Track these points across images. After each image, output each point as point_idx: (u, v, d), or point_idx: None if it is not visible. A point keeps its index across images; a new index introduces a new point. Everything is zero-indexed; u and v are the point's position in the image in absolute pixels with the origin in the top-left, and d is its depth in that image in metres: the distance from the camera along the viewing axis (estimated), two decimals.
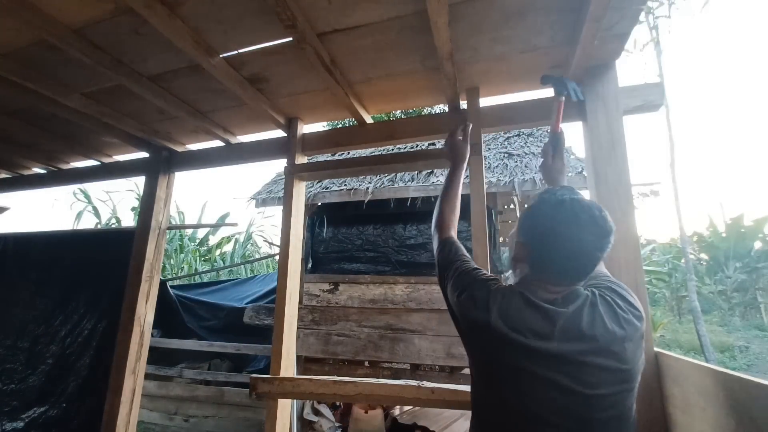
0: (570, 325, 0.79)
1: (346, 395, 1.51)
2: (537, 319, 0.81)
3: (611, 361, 0.78)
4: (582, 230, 0.81)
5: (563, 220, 0.82)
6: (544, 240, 0.85)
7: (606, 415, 0.78)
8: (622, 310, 0.83)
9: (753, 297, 12.49)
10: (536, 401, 0.79)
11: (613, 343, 0.78)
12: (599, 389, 0.77)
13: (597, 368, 0.78)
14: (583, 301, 0.83)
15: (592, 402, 0.77)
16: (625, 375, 0.79)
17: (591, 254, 0.82)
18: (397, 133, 1.83)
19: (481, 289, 0.90)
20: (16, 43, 1.41)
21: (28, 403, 2.23)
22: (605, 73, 1.46)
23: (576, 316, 0.80)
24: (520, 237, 0.92)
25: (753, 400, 0.82)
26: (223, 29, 1.34)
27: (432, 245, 1.19)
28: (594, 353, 0.78)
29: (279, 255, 1.86)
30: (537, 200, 0.91)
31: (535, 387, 0.79)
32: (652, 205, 41.56)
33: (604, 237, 0.82)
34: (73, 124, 2.06)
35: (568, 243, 0.81)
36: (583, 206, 0.83)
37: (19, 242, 2.64)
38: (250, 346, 4.39)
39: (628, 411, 0.81)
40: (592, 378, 0.77)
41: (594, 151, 1.43)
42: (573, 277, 0.85)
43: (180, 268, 10.10)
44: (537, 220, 0.88)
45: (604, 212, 0.84)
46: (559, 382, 0.77)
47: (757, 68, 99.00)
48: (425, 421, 3.44)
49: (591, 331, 0.78)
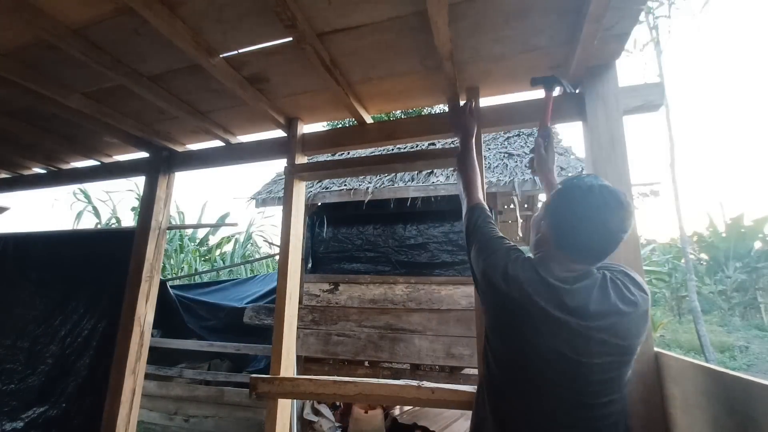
0: (576, 302, 0.87)
1: (346, 395, 1.51)
2: (546, 292, 0.89)
3: (611, 337, 0.86)
4: (611, 214, 0.88)
5: (594, 205, 0.89)
6: (575, 223, 0.91)
7: (598, 379, 0.87)
8: (630, 292, 0.90)
9: (753, 297, 12.50)
10: (541, 361, 0.89)
11: (616, 321, 0.86)
12: (595, 359, 0.86)
13: (596, 342, 0.86)
14: (593, 281, 0.90)
15: (586, 369, 0.86)
16: (622, 349, 0.88)
17: (616, 236, 0.89)
18: (397, 133, 1.83)
19: (504, 257, 0.98)
20: (16, 43, 1.41)
21: (27, 403, 2.23)
22: (605, 73, 1.46)
23: (585, 293, 0.88)
24: (550, 219, 0.97)
25: (753, 400, 0.82)
26: (223, 29, 1.34)
27: (462, 213, 1.25)
28: (597, 329, 0.86)
29: (279, 255, 1.86)
30: (567, 185, 0.97)
31: (540, 348, 0.89)
32: (652, 205, 41.56)
33: (628, 219, 0.89)
34: (73, 124, 2.06)
35: (599, 226, 0.88)
36: (612, 192, 0.90)
37: (19, 242, 2.64)
38: (250, 346, 4.39)
39: (620, 378, 0.90)
40: (591, 349, 0.86)
41: (594, 151, 1.43)
42: (595, 256, 0.92)
43: (180, 268, 10.10)
44: (569, 204, 0.94)
45: (630, 198, 0.94)
46: (559, 349, 0.87)
47: (757, 68, 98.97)
48: (425, 421, 3.44)
49: (596, 308, 0.86)
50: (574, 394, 0.88)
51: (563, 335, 0.87)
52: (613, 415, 0.89)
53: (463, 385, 1.41)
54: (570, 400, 0.88)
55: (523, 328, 0.91)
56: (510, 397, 0.96)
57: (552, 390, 0.89)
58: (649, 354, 1.22)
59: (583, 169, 3.48)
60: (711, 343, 7.85)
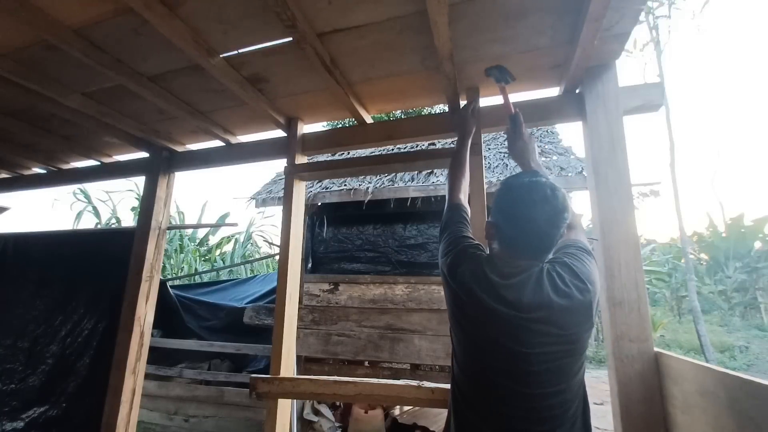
0: (512, 295, 0.90)
1: (346, 395, 1.51)
2: (490, 287, 0.93)
3: (549, 327, 0.88)
4: (535, 209, 0.91)
5: (520, 200, 0.93)
6: (508, 220, 0.96)
7: (540, 369, 0.89)
8: (564, 284, 0.91)
9: (753, 297, 12.48)
10: (484, 351, 0.95)
11: (550, 312, 0.88)
12: (536, 348, 0.88)
13: (536, 333, 0.88)
14: (528, 275, 0.92)
15: (528, 358, 0.88)
16: (564, 338, 0.89)
17: (546, 231, 0.92)
18: (397, 133, 1.83)
19: (460, 254, 1.03)
20: (16, 43, 1.41)
21: (28, 403, 2.23)
22: (605, 73, 1.46)
23: (519, 287, 0.91)
24: (490, 217, 1.03)
25: (753, 400, 0.82)
26: (223, 29, 1.34)
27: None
28: (535, 320, 0.88)
29: (279, 255, 1.86)
30: (503, 184, 1.02)
31: (482, 338, 0.94)
32: (652, 205, 41.53)
33: (557, 214, 0.91)
34: (73, 124, 2.06)
35: (525, 222, 0.92)
36: (536, 187, 0.93)
37: (19, 242, 2.64)
38: (250, 346, 4.38)
39: (566, 366, 0.90)
40: (531, 339, 0.88)
41: (594, 151, 1.43)
42: (535, 252, 0.95)
43: (180, 268, 10.09)
44: (501, 202, 0.99)
45: (558, 191, 0.93)
46: (499, 339, 0.91)
47: (758, 68, 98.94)
48: (425, 421, 3.44)
49: (529, 300, 0.89)
50: (518, 384, 0.89)
51: (501, 326, 0.90)
52: (562, 405, 0.89)
53: None
54: (514, 388, 0.90)
55: (467, 319, 0.97)
56: (464, 390, 0.99)
57: (496, 379, 0.92)
58: (649, 354, 1.22)
59: (583, 169, 3.48)
60: (711, 343, 7.84)
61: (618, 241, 1.32)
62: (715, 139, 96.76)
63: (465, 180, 1.33)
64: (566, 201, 0.93)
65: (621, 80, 1.46)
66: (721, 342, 9.68)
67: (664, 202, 34.21)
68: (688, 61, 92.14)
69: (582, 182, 3.33)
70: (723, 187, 63.46)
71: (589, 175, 1.50)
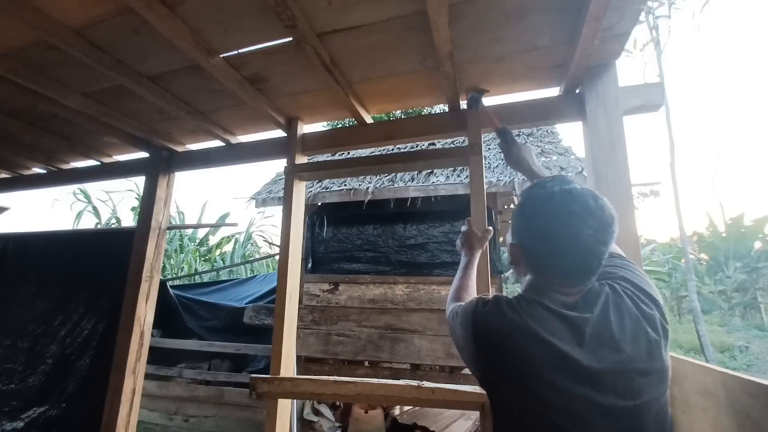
0: (599, 331, 0.70)
1: (346, 395, 1.51)
2: (561, 327, 0.71)
3: (647, 363, 0.70)
4: (579, 224, 0.72)
5: (556, 215, 0.74)
6: (540, 240, 0.77)
7: (654, 419, 0.69)
8: (646, 305, 0.75)
9: (753, 297, 12.48)
10: (571, 419, 0.68)
11: (645, 343, 0.71)
12: (643, 397, 0.68)
13: (636, 374, 0.69)
14: (605, 300, 0.74)
15: (639, 412, 0.68)
16: (660, 375, 0.72)
17: (594, 250, 0.73)
18: (397, 133, 1.83)
19: (488, 304, 0.80)
20: (16, 43, 1.41)
21: (28, 403, 2.23)
22: (605, 73, 1.46)
23: (603, 319, 0.72)
24: (514, 238, 0.84)
25: (753, 400, 0.82)
26: (223, 29, 1.34)
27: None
28: (630, 360, 0.69)
29: (279, 255, 1.86)
30: (526, 195, 0.83)
31: (570, 404, 0.68)
32: (652, 205, 41.53)
33: (606, 228, 0.73)
34: (73, 124, 2.06)
35: (566, 240, 0.73)
36: (576, 197, 0.74)
37: (19, 242, 2.64)
38: (250, 346, 4.39)
39: (667, 411, 0.73)
40: (633, 386, 0.68)
41: (594, 151, 1.43)
42: (580, 276, 0.75)
43: (180, 268, 10.10)
44: (529, 218, 0.80)
45: (601, 200, 0.75)
46: (596, 399, 0.67)
47: (758, 68, 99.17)
48: (425, 421, 3.44)
49: (621, 334, 0.70)
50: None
51: (593, 381, 0.68)
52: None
53: (463, 385, 1.41)
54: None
55: (539, 378, 0.70)
56: None
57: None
58: None
59: (583, 169, 3.48)
60: (711, 343, 7.85)
61: (618, 242, 1.31)
62: (715, 139, 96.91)
63: (472, 287, 1.12)
64: (613, 210, 0.75)
65: (621, 80, 1.46)
66: (721, 342, 9.69)
67: (664, 202, 34.28)
68: (688, 61, 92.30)
69: (582, 182, 3.33)
70: (723, 187, 63.53)
71: (589, 175, 1.50)
